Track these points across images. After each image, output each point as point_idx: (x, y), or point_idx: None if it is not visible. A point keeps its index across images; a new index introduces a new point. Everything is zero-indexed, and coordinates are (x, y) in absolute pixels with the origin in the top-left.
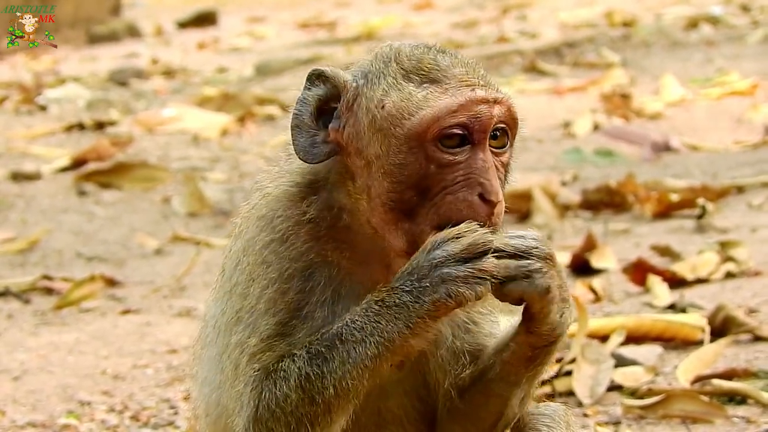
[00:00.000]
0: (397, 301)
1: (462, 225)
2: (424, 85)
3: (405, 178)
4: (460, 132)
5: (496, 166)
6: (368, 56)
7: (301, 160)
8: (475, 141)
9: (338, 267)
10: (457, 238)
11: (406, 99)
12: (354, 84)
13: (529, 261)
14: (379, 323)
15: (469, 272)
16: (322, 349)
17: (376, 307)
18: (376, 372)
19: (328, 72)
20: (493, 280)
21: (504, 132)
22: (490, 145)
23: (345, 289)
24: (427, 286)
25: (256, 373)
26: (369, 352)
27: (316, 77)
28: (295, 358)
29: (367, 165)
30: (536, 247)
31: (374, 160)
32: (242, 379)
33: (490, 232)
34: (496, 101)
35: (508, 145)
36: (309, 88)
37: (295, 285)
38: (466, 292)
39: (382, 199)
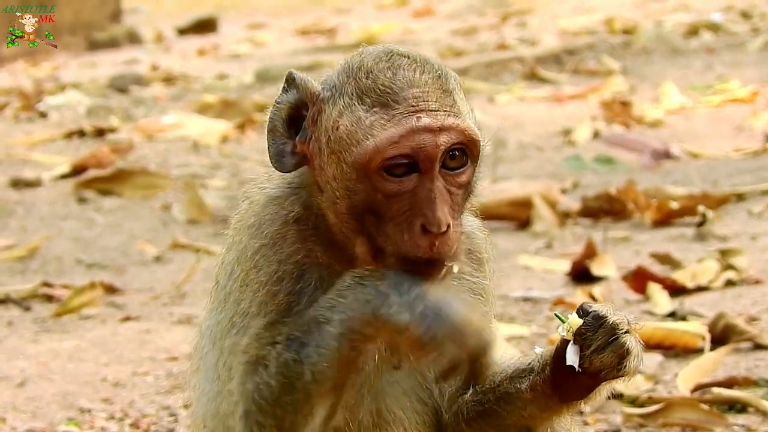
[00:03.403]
0: (369, 285)
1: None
2: (374, 109)
3: (358, 203)
4: (405, 161)
5: (450, 190)
6: (341, 63)
7: (273, 167)
8: (422, 169)
9: (329, 269)
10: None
11: (356, 124)
12: (320, 96)
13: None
14: (346, 298)
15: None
16: (299, 334)
17: (350, 281)
18: (344, 357)
19: (298, 79)
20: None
21: (462, 152)
22: (446, 167)
23: None
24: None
25: (242, 367)
26: (335, 331)
27: (292, 81)
28: (276, 346)
29: (328, 182)
30: None
31: (332, 181)
32: (233, 376)
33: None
34: (441, 129)
35: (467, 165)
36: (285, 92)
37: (284, 287)
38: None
39: (344, 215)
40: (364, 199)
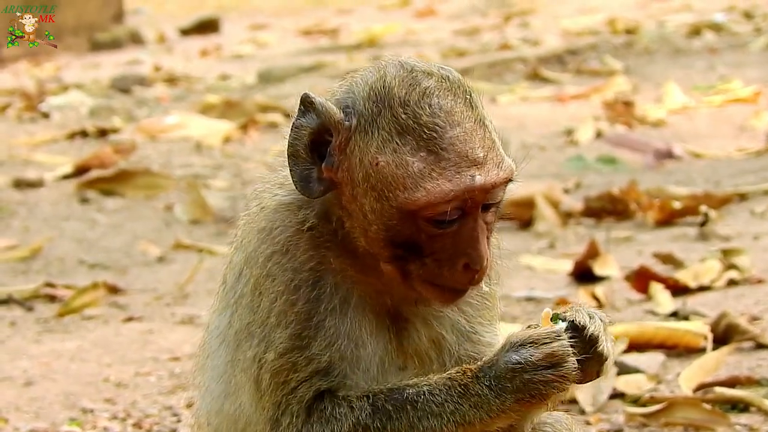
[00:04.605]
0: (480, 392)
1: (540, 331)
2: (421, 154)
3: (398, 237)
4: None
5: (487, 220)
6: (360, 83)
7: (299, 192)
8: (467, 212)
9: (343, 274)
10: (535, 343)
11: (401, 167)
12: (347, 124)
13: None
14: (462, 406)
15: (550, 378)
16: (389, 408)
17: (460, 390)
18: None
19: (317, 104)
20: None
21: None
22: (485, 203)
23: (354, 297)
24: (508, 386)
25: (296, 407)
26: (445, 429)
27: (310, 104)
28: (354, 407)
29: (363, 212)
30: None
31: (369, 213)
32: (273, 401)
33: (565, 342)
34: (494, 186)
35: (503, 195)
36: (303, 115)
37: (302, 295)
38: (548, 391)
39: (378, 242)
40: (404, 236)
